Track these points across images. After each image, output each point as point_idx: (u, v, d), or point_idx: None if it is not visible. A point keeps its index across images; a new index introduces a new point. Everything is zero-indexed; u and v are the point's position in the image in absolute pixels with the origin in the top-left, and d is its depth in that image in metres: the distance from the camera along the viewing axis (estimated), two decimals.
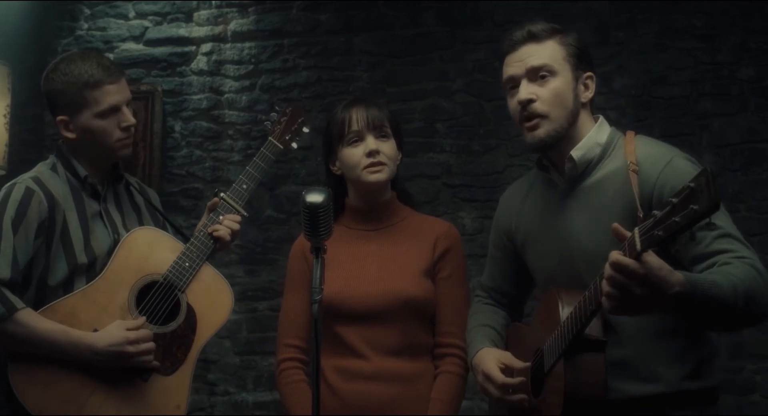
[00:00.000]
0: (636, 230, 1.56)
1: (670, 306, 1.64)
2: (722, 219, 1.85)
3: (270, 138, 2.58)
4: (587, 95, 2.08)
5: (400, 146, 2.44)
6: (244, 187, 2.49)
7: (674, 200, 1.47)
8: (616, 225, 1.64)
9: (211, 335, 2.39)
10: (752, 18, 3.93)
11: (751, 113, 3.92)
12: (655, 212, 1.52)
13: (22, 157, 4.12)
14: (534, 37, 2.05)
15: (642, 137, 2.06)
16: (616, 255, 1.59)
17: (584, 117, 2.08)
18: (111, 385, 2.24)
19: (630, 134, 2.06)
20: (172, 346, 2.32)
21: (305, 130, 2.64)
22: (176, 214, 4.30)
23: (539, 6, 4.08)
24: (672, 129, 3.87)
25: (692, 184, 1.44)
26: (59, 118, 2.36)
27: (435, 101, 4.20)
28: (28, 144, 4.30)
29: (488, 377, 2.07)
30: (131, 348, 2.21)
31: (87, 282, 2.30)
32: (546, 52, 2.04)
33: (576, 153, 2.03)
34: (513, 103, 2.07)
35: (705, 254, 1.81)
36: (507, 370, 2.06)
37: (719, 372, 2.01)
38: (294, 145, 2.62)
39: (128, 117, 2.37)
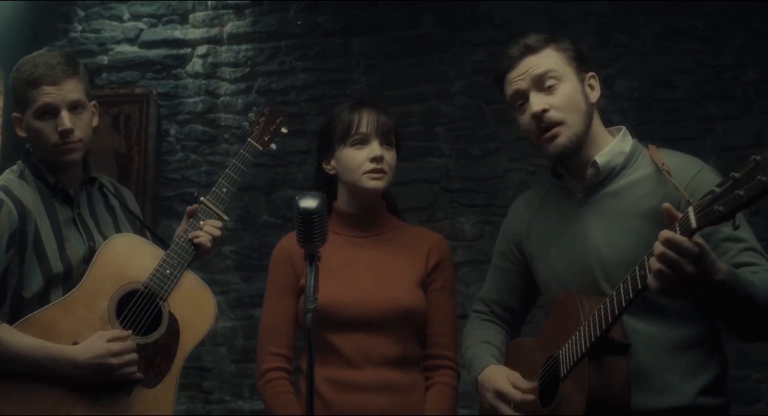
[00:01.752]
0: (690, 209, 1.54)
1: (713, 293, 1.64)
2: (747, 232, 1.87)
3: (249, 139, 2.51)
4: (595, 95, 2.06)
5: (397, 157, 2.39)
6: (224, 190, 2.41)
7: (737, 175, 1.44)
8: (667, 205, 1.63)
9: (195, 344, 2.32)
10: (755, 19, 3.90)
11: (756, 116, 3.88)
12: (714, 188, 1.49)
13: (15, 161, 4.07)
14: (531, 49, 2.03)
15: (666, 149, 2.04)
16: (668, 233, 1.57)
17: (597, 121, 2.06)
18: (93, 400, 2.16)
19: (653, 147, 2.03)
20: (155, 357, 2.24)
21: (284, 130, 2.57)
22: (171, 219, 4.25)
23: (539, 7, 4.03)
24: (675, 132, 3.82)
25: (758, 158, 1.41)
26: (14, 115, 2.31)
27: (434, 104, 4.15)
28: (22, 147, 4.24)
29: (502, 395, 2.01)
30: (114, 360, 2.14)
31: (63, 293, 2.22)
32: (546, 59, 2.02)
33: (601, 159, 2.00)
34: (525, 119, 2.03)
35: (732, 265, 1.76)
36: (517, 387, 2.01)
37: (730, 388, 1.97)
38: (273, 145, 2.56)
39: (63, 121, 2.23)
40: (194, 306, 2.32)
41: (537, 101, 1.99)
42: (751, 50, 3.90)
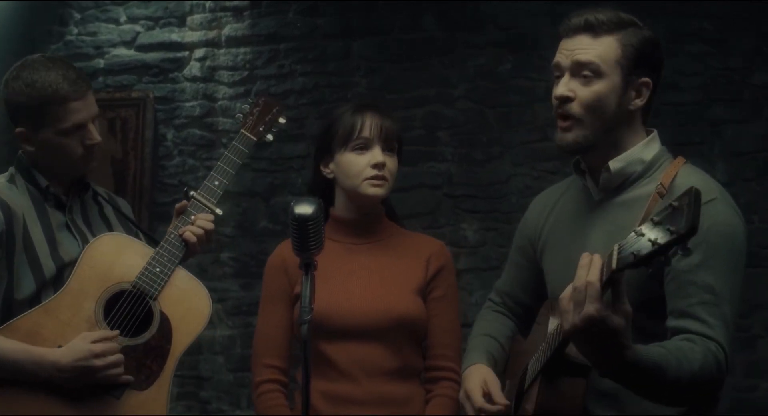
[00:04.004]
0: (616, 246, 1.46)
1: (612, 359, 1.57)
2: (722, 284, 1.72)
3: (242, 130, 2.42)
4: (637, 103, 1.88)
5: (398, 164, 2.34)
6: (216, 183, 2.33)
7: (655, 219, 1.39)
8: (586, 254, 1.57)
9: (189, 344, 2.25)
10: (763, 21, 3.84)
11: (765, 120, 3.82)
12: (637, 229, 1.42)
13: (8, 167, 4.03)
14: (590, 29, 1.86)
15: (690, 167, 1.90)
16: (593, 276, 1.53)
17: (633, 125, 1.91)
18: (81, 405, 2.11)
19: (679, 160, 1.90)
20: (146, 359, 2.18)
21: (282, 120, 2.47)
22: (168, 225, 4.19)
23: (543, 8, 3.98)
24: (683, 136, 3.77)
25: (675, 203, 1.36)
26: (18, 129, 2.22)
27: (436, 108, 4.11)
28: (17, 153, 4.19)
29: (468, 396, 1.97)
30: (98, 362, 2.08)
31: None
32: (598, 49, 1.84)
33: (614, 164, 1.88)
34: (553, 93, 1.91)
35: (684, 312, 1.72)
36: (488, 395, 1.96)
37: (739, 398, 1.86)
38: (269, 136, 2.46)
39: (93, 135, 2.21)
40: (187, 305, 2.25)
41: (565, 86, 1.86)
42: (760, 52, 3.84)
